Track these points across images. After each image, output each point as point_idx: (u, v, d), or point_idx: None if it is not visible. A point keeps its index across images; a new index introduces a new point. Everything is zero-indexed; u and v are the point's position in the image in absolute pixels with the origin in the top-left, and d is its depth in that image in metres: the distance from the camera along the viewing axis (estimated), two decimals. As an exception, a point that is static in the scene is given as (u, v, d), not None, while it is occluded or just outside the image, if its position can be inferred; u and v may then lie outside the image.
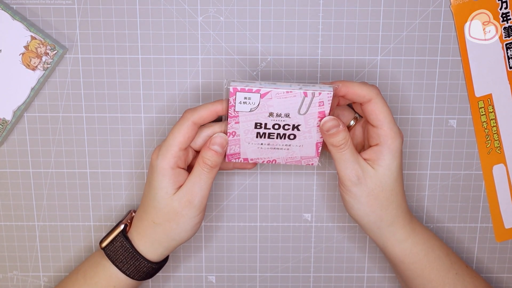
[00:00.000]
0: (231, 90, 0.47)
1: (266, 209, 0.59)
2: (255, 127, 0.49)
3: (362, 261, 0.60)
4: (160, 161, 0.49)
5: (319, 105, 0.47)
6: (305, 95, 0.47)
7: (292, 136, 0.50)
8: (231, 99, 0.47)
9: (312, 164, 0.52)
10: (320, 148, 0.51)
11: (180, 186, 0.49)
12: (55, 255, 0.59)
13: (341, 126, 0.48)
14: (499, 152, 0.57)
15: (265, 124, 0.49)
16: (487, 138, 0.56)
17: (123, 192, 0.58)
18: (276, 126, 0.49)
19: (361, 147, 0.53)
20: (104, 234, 0.59)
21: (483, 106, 0.56)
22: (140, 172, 0.57)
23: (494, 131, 0.56)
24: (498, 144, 0.56)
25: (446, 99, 0.56)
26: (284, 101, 0.47)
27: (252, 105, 0.47)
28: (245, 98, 0.47)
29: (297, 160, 0.52)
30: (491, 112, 0.56)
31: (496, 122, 0.56)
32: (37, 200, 0.58)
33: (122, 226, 0.52)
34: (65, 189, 0.58)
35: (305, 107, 0.48)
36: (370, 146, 0.49)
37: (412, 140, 0.57)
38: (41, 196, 0.58)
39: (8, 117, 0.55)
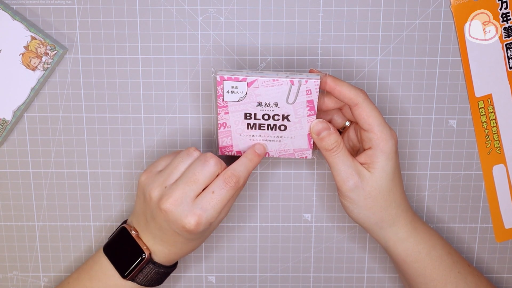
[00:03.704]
0: (218, 79, 0.47)
1: (266, 209, 0.59)
2: (245, 118, 0.49)
3: (362, 261, 0.60)
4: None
5: (307, 94, 0.47)
6: (292, 83, 0.47)
7: (282, 127, 0.50)
8: (218, 88, 0.47)
9: (306, 157, 0.52)
10: (312, 140, 0.51)
11: None
12: (55, 255, 0.59)
13: (331, 129, 0.48)
14: (499, 152, 0.57)
15: (255, 115, 0.49)
16: (487, 138, 0.56)
17: (123, 192, 0.58)
18: (266, 117, 0.49)
19: (357, 151, 0.53)
20: (107, 239, 0.59)
21: (483, 106, 0.56)
22: (140, 173, 0.57)
23: (494, 131, 0.56)
24: (498, 144, 0.56)
25: (446, 99, 0.56)
26: (272, 89, 0.47)
27: (240, 94, 0.47)
28: (233, 87, 0.47)
29: (290, 153, 0.52)
30: (491, 112, 0.56)
31: (496, 122, 0.56)
32: (37, 200, 0.58)
33: (146, 256, 0.50)
34: (65, 189, 0.58)
35: (293, 96, 0.48)
36: (364, 150, 0.50)
37: (412, 140, 0.57)
38: (41, 196, 0.58)
39: (8, 117, 0.55)
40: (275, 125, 0.49)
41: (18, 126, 0.56)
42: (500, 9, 0.53)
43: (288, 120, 0.49)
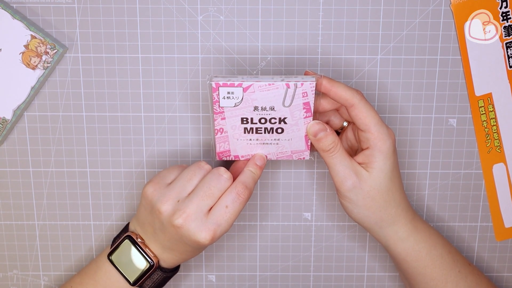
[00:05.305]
0: (214, 85, 0.47)
1: (266, 208, 0.59)
2: (242, 122, 0.49)
3: (362, 260, 0.60)
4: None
5: (303, 96, 0.47)
6: (288, 86, 0.47)
7: (279, 130, 0.50)
8: (214, 95, 0.47)
9: (304, 158, 0.52)
10: (310, 141, 0.51)
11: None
12: (55, 254, 0.59)
13: (328, 130, 0.48)
14: (499, 151, 0.57)
15: (251, 119, 0.49)
16: (487, 137, 0.56)
17: (123, 191, 0.58)
18: (263, 120, 0.49)
19: (355, 151, 0.53)
20: (108, 243, 0.59)
21: (483, 105, 0.56)
22: (140, 171, 0.57)
23: (494, 130, 0.56)
24: (498, 143, 0.56)
25: (446, 98, 0.56)
26: (268, 94, 0.47)
27: (236, 99, 0.48)
28: (228, 93, 0.47)
29: (288, 155, 0.52)
30: (491, 111, 0.56)
31: (496, 121, 0.56)
32: (37, 199, 0.58)
33: (155, 264, 0.50)
34: (65, 188, 0.58)
35: (289, 99, 0.48)
36: (362, 150, 0.50)
37: (412, 139, 0.57)
38: (41, 195, 0.58)
39: (8, 116, 0.55)
40: (272, 128, 0.49)
41: (18, 125, 0.56)
42: (500, 8, 0.53)
43: (285, 122, 0.49)
